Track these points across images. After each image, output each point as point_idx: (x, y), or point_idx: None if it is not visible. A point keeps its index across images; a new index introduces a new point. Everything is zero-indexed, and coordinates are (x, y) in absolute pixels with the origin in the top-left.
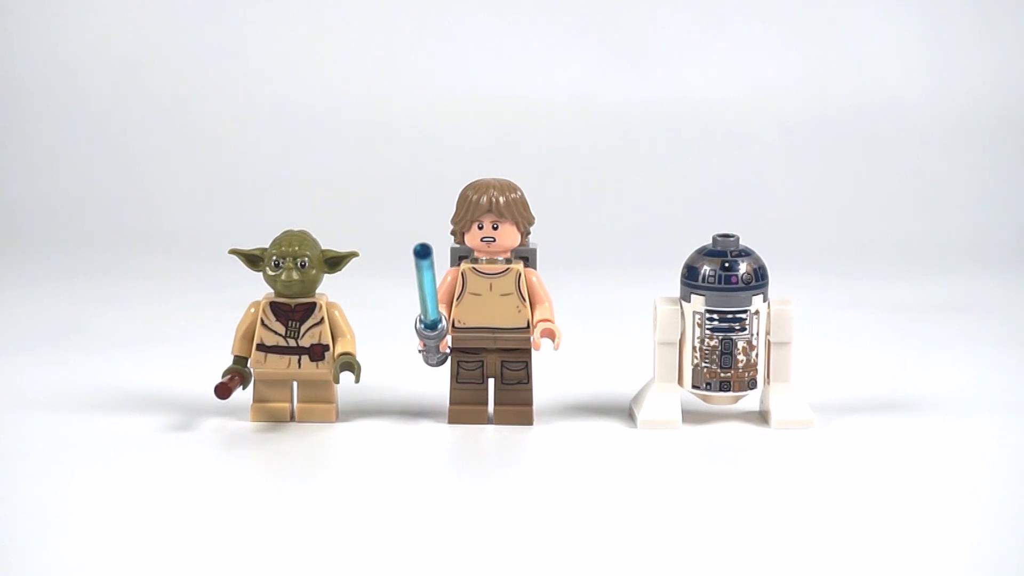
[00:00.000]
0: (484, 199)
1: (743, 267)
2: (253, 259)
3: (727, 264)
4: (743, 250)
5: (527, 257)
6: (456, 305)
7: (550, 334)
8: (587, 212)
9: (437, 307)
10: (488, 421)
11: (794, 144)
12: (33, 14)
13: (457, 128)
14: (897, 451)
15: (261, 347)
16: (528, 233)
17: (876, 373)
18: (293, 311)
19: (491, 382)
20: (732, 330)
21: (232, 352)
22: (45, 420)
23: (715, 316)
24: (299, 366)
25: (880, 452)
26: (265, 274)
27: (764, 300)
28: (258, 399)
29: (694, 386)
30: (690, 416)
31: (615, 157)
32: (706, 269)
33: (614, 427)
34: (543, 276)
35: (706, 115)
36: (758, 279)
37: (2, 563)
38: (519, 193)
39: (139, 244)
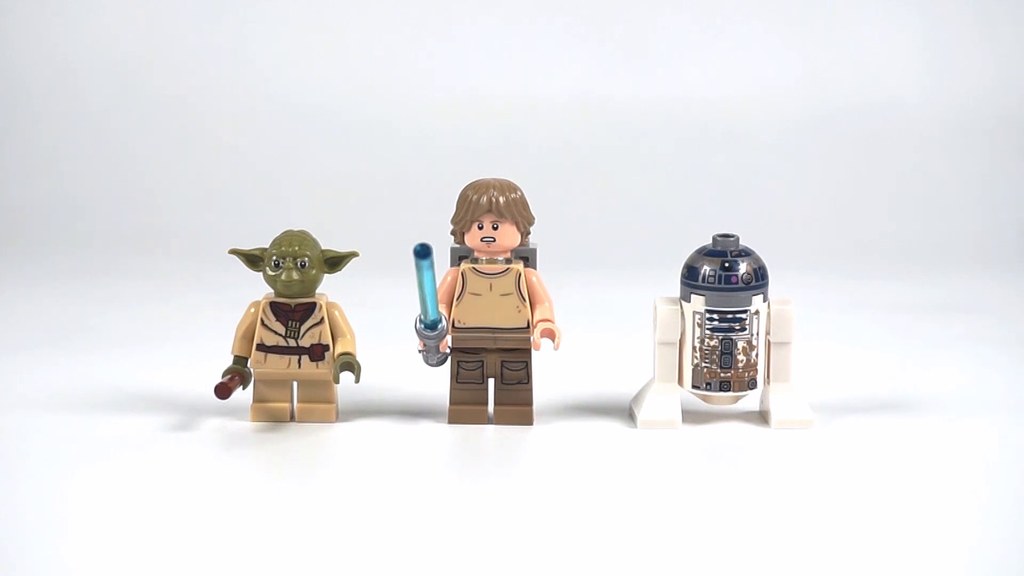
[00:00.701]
0: (484, 199)
1: (743, 267)
2: (253, 259)
3: (727, 264)
4: (743, 250)
5: (527, 257)
6: (456, 305)
7: (550, 334)
8: (587, 212)
9: (437, 307)
10: (488, 421)
11: (794, 144)
12: (33, 14)
13: (457, 128)
14: (897, 451)
15: (261, 347)
16: (528, 233)
17: (876, 373)
18: (293, 311)
19: (491, 382)
20: (732, 330)
21: (232, 352)
22: (45, 420)
23: (715, 316)
24: (299, 366)
25: (880, 452)
26: (265, 274)
27: (764, 300)
28: (258, 399)
29: (694, 386)
30: (690, 416)
31: (615, 157)
32: (706, 269)
33: (614, 427)
34: (543, 276)
35: (706, 115)
36: (758, 279)
37: (2, 563)
38: (519, 193)
39: (139, 244)
